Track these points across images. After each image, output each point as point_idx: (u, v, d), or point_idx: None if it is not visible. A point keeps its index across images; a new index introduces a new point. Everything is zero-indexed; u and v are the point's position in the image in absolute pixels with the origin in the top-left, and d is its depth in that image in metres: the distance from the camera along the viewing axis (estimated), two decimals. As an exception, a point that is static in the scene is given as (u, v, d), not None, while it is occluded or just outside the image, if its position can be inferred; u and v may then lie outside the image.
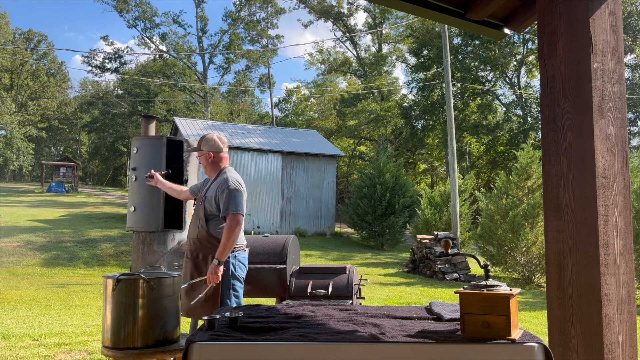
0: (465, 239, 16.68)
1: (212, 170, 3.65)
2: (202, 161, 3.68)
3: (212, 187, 3.58)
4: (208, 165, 3.66)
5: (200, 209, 3.54)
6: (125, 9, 42.16)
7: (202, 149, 3.67)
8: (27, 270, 13.22)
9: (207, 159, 3.64)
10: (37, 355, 4.65)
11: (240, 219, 3.44)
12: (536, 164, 13.21)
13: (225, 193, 3.45)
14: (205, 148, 3.66)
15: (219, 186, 3.52)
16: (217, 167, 3.66)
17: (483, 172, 35.07)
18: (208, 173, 3.67)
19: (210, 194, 3.54)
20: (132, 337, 2.00)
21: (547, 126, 2.16)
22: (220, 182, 3.54)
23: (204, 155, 3.66)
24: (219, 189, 3.50)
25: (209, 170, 3.67)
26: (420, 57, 35.40)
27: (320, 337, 1.81)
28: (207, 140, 3.68)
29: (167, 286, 2.08)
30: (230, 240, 3.37)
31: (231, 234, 3.37)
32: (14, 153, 42.53)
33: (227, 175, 3.58)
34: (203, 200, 3.55)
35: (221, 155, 3.70)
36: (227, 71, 45.56)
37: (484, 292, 1.77)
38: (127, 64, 46.95)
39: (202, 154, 3.67)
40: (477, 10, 2.71)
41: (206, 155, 3.66)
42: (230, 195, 3.45)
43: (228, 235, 3.36)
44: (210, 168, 3.66)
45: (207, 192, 3.56)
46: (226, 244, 3.35)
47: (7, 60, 46.39)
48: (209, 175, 3.68)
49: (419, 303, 8.51)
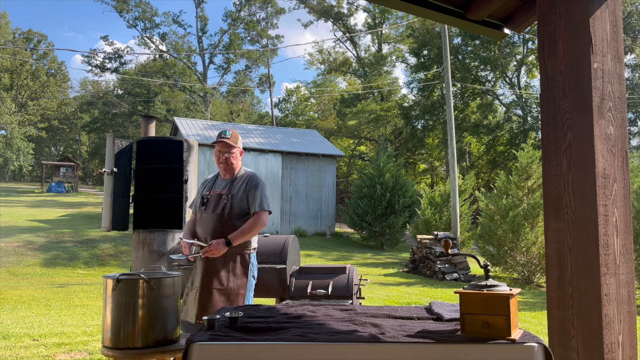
0: (465, 239, 16.68)
1: (236, 168, 3.50)
2: (231, 159, 3.45)
3: (237, 185, 3.44)
4: (236, 163, 3.49)
5: (227, 207, 3.36)
6: (125, 9, 42.17)
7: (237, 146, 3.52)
8: (27, 270, 13.22)
9: (237, 157, 3.49)
10: (37, 355, 4.65)
11: (268, 217, 3.38)
12: (536, 164, 13.21)
13: (259, 188, 3.39)
14: (238, 145, 3.53)
15: (247, 182, 3.42)
16: (239, 165, 3.55)
17: (483, 172, 35.07)
18: (230, 171, 3.48)
19: (237, 192, 3.40)
20: (132, 337, 1.99)
21: (547, 126, 2.16)
22: (248, 178, 3.45)
23: (236, 152, 3.49)
24: (249, 185, 3.41)
25: (234, 168, 3.49)
26: (420, 57, 35.41)
27: (320, 337, 1.81)
28: (237, 137, 3.54)
29: (167, 286, 2.08)
30: (252, 232, 3.30)
31: (256, 228, 3.31)
32: (14, 153, 42.54)
33: (252, 172, 3.52)
34: (230, 198, 3.38)
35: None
36: (227, 71, 45.60)
37: (484, 292, 1.77)
38: (127, 64, 47.02)
39: (235, 150, 3.49)
40: (477, 10, 2.71)
41: (238, 152, 3.51)
42: (263, 191, 3.41)
43: (252, 227, 3.29)
44: (235, 166, 3.49)
45: (230, 190, 3.40)
46: (246, 234, 3.28)
47: (7, 60, 46.40)
48: (230, 174, 3.49)
49: (419, 303, 8.51)
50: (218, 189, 3.47)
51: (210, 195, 3.47)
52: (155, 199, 4.47)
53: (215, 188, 3.49)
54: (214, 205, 3.40)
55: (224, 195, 3.40)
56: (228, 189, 3.43)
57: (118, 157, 4.59)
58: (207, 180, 3.66)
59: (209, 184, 3.58)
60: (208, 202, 3.44)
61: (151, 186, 4.44)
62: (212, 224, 3.35)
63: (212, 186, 3.52)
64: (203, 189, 3.59)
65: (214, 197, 3.44)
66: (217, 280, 3.25)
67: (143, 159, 4.66)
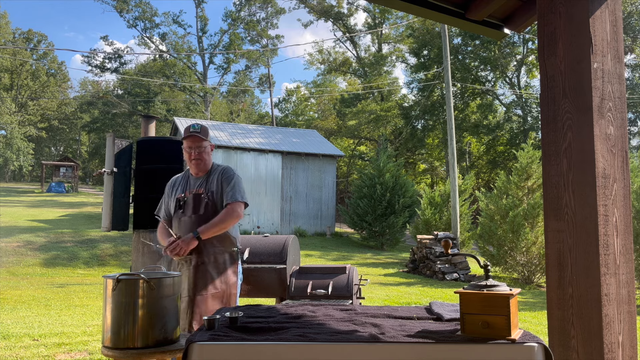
0: (465, 239, 16.68)
1: (209, 164, 3.25)
2: (204, 154, 3.19)
3: (212, 181, 3.19)
4: (208, 159, 3.24)
5: (208, 206, 3.11)
6: (125, 9, 42.18)
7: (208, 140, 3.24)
8: (27, 270, 13.23)
9: (209, 152, 3.24)
10: (37, 355, 4.65)
11: (243, 209, 3.14)
12: (536, 164, 13.21)
13: (233, 180, 3.18)
14: (209, 139, 3.27)
15: (222, 175, 3.20)
16: (211, 161, 3.30)
17: (483, 172, 35.07)
18: (202, 168, 3.21)
19: (214, 189, 3.16)
20: (132, 337, 2.00)
21: (547, 126, 2.16)
22: (222, 171, 3.23)
23: (208, 147, 3.22)
24: (222, 178, 3.19)
25: (206, 164, 3.23)
26: (420, 57, 35.41)
27: (320, 337, 1.81)
28: (207, 131, 3.27)
29: (167, 286, 2.09)
30: (224, 225, 3.04)
31: (228, 220, 3.05)
32: (14, 153, 42.55)
33: (226, 165, 3.31)
34: (209, 197, 3.14)
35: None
36: (227, 71, 45.62)
37: (484, 292, 1.77)
38: (127, 64, 47.05)
39: (207, 145, 3.22)
40: (477, 10, 2.71)
41: (209, 146, 3.25)
42: (237, 182, 3.19)
43: (223, 219, 3.04)
44: (208, 162, 3.24)
45: (208, 187, 3.16)
46: (217, 227, 3.02)
47: (7, 60, 46.41)
48: (203, 171, 3.22)
49: (419, 303, 8.51)
50: (194, 189, 3.20)
51: (186, 197, 3.19)
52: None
53: (190, 188, 3.22)
54: (194, 207, 3.14)
55: (202, 195, 3.16)
56: (205, 187, 3.18)
57: (118, 157, 4.59)
58: (176, 181, 3.36)
59: (180, 184, 3.29)
60: (186, 204, 3.17)
61: (151, 186, 4.43)
62: (196, 227, 3.06)
63: (185, 186, 3.25)
64: (174, 191, 3.29)
65: (191, 198, 3.17)
66: (211, 284, 3.02)
67: (143, 159, 4.67)
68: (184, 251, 2.95)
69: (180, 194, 3.22)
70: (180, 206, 3.18)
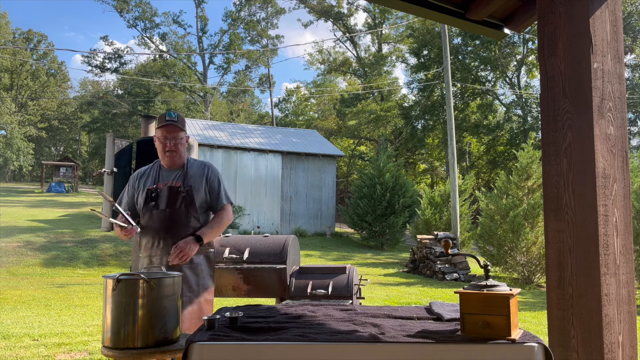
0: (465, 239, 16.68)
1: (184, 157, 3.01)
2: (180, 146, 2.95)
3: (193, 176, 2.98)
4: (183, 151, 2.99)
5: (186, 200, 2.90)
6: (125, 8, 42.20)
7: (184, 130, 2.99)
8: (27, 270, 13.22)
9: (184, 144, 3.01)
10: (37, 355, 4.65)
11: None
12: (536, 164, 13.21)
13: (221, 180, 3.04)
14: (186, 129, 3.01)
15: (207, 173, 3.01)
16: (186, 154, 3.07)
17: (483, 172, 35.08)
18: (178, 161, 2.98)
19: (196, 184, 2.96)
20: (132, 337, 2.00)
21: (547, 126, 2.16)
22: (206, 168, 3.04)
23: (184, 138, 3.00)
24: (209, 176, 3.01)
25: (182, 157, 3.00)
26: (421, 57, 35.41)
27: (320, 337, 1.81)
28: (184, 120, 3.02)
29: (167, 286, 2.09)
30: (222, 228, 2.98)
31: (225, 224, 2.99)
32: (14, 153, 42.56)
33: (207, 161, 3.12)
34: (188, 191, 2.92)
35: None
36: (227, 71, 45.63)
37: (484, 292, 1.77)
38: (127, 64, 47.06)
39: (184, 136, 2.99)
40: (477, 10, 2.71)
41: (185, 137, 3.02)
42: (224, 182, 3.07)
43: (223, 223, 2.98)
44: (183, 154, 3.00)
45: (186, 181, 2.94)
46: (217, 230, 2.94)
47: (7, 60, 46.41)
48: (177, 164, 2.98)
49: (419, 303, 8.51)
50: (168, 181, 2.96)
51: (159, 189, 2.93)
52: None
53: (163, 180, 2.97)
54: (168, 199, 2.91)
55: (180, 188, 2.92)
56: (182, 181, 2.95)
57: (118, 157, 4.58)
58: (144, 172, 3.09)
59: (150, 176, 3.02)
60: (159, 196, 2.92)
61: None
62: (170, 221, 2.88)
63: (156, 178, 2.99)
64: (142, 182, 3.02)
65: (165, 190, 2.93)
66: (187, 289, 2.81)
67: (143, 159, 4.65)
68: (187, 257, 2.79)
69: (152, 185, 2.96)
70: (152, 198, 2.92)
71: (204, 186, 2.99)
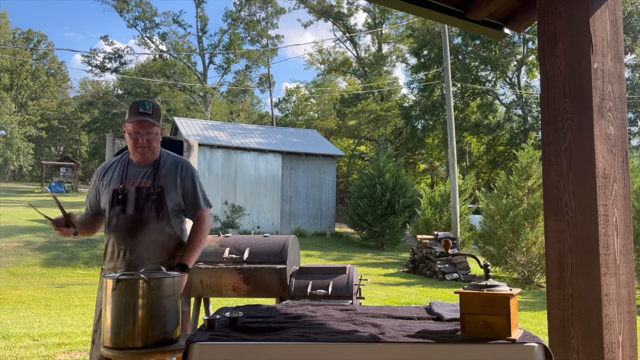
0: (465, 239, 16.69)
1: (157, 153, 2.66)
2: (153, 142, 2.58)
3: (164, 174, 2.61)
4: (157, 146, 2.63)
5: (158, 204, 2.55)
6: (125, 8, 42.20)
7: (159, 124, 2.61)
8: (27, 270, 13.22)
9: (159, 139, 2.65)
10: (37, 355, 4.65)
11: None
12: (536, 164, 13.21)
13: (198, 179, 2.69)
14: (160, 122, 2.65)
15: (181, 170, 2.66)
16: (159, 148, 2.68)
17: (483, 172, 35.08)
18: (148, 158, 2.62)
19: (168, 183, 2.60)
20: (132, 337, 2.00)
21: (547, 126, 2.16)
22: (180, 164, 2.68)
23: (159, 132, 2.63)
24: (183, 174, 2.65)
25: (154, 154, 2.64)
26: (421, 57, 35.42)
27: (320, 337, 1.81)
28: (160, 111, 2.64)
29: (167, 286, 2.08)
30: (203, 244, 2.67)
31: (207, 235, 2.69)
32: (14, 153, 42.55)
33: (179, 156, 2.76)
34: (159, 192, 2.57)
35: None
36: (227, 71, 45.63)
37: (484, 292, 1.77)
38: (127, 64, 47.08)
39: (158, 130, 2.62)
40: (477, 10, 2.71)
41: (160, 132, 2.65)
42: (201, 182, 2.72)
43: (204, 236, 2.65)
44: (157, 150, 2.65)
45: (157, 180, 2.59)
46: (199, 251, 2.63)
47: (7, 60, 46.41)
48: (148, 160, 2.63)
49: (419, 303, 8.51)
50: (136, 180, 2.59)
51: (127, 189, 2.57)
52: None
53: (130, 178, 2.60)
54: (137, 202, 2.55)
55: (149, 188, 2.56)
56: (152, 179, 2.58)
57: (118, 157, 4.58)
58: (109, 167, 2.70)
59: (116, 172, 2.64)
60: (126, 199, 2.55)
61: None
62: (140, 229, 2.53)
63: (123, 175, 2.60)
64: (106, 179, 2.65)
65: (133, 192, 2.56)
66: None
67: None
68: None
69: (118, 184, 2.59)
70: (118, 201, 2.55)
71: (177, 187, 2.62)
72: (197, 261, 3.75)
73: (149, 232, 2.55)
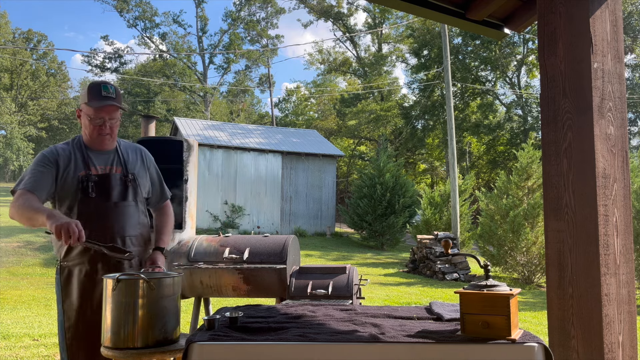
0: (465, 239, 16.69)
1: (116, 138, 2.52)
2: (115, 127, 2.44)
3: (131, 160, 2.51)
4: (116, 132, 2.48)
5: (135, 192, 2.46)
6: (125, 8, 42.20)
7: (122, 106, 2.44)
8: (27, 270, 13.22)
9: (119, 124, 2.50)
10: (37, 355, 4.65)
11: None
12: (536, 164, 13.21)
13: (155, 167, 2.61)
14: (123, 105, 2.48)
15: (142, 157, 2.58)
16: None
17: (483, 172, 35.08)
18: (109, 145, 2.47)
19: (136, 172, 2.50)
20: (132, 337, 2.00)
21: (547, 126, 2.16)
22: (140, 151, 2.59)
23: (119, 116, 2.46)
24: (146, 162, 2.58)
25: (114, 139, 2.49)
26: (421, 57, 35.42)
27: (320, 337, 1.81)
28: (120, 94, 2.48)
29: (167, 286, 2.09)
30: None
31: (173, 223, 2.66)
32: (14, 153, 42.55)
33: (136, 144, 2.66)
34: (133, 179, 2.46)
35: None
36: (227, 71, 45.63)
37: (484, 292, 1.77)
38: (127, 63, 47.07)
39: (119, 116, 2.45)
40: (477, 10, 2.71)
41: (120, 114, 2.46)
42: (160, 171, 2.65)
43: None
44: (116, 135, 2.51)
45: (127, 167, 2.48)
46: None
47: (7, 60, 46.41)
48: (111, 146, 2.48)
49: (419, 303, 8.51)
50: (105, 167, 2.44)
51: (96, 176, 2.38)
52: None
53: (97, 164, 2.43)
54: (112, 189, 2.39)
55: (122, 176, 2.44)
56: (122, 166, 2.46)
57: (118, 157, 4.56)
58: (62, 152, 2.42)
59: (76, 158, 2.41)
60: (100, 185, 2.38)
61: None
62: (122, 218, 2.39)
63: (86, 161, 2.41)
64: (63, 165, 2.38)
65: (111, 179, 2.41)
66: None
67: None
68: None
69: (84, 170, 2.38)
70: (90, 188, 2.35)
71: (146, 175, 2.55)
72: (198, 261, 3.75)
73: (130, 221, 2.44)
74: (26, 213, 2.20)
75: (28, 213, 2.20)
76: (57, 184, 2.37)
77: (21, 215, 2.23)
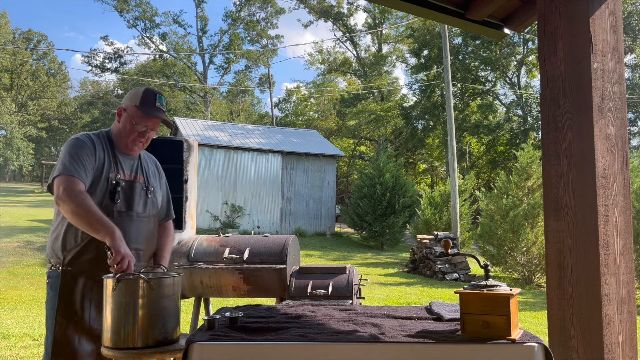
0: (465, 239, 16.68)
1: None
2: (151, 136, 2.35)
3: (152, 175, 2.41)
4: (149, 142, 2.39)
5: (154, 205, 2.38)
6: (125, 8, 42.19)
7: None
8: (27, 270, 13.22)
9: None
10: (37, 355, 4.65)
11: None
12: (536, 164, 13.22)
13: (167, 185, 2.53)
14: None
15: (159, 171, 2.51)
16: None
17: (483, 172, 35.08)
18: (139, 151, 2.39)
19: (155, 185, 2.41)
20: (132, 337, 2.00)
21: (547, 126, 2.16)
22: (155, 164, 2.51)
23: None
24: (161, 177, 2.50)
25: (143, 149, 2.41)
26: (421, 58, 35.42)
27: (320, 337, 1.81)
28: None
29: (167, 286, 2.08)
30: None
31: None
32: (14, 153, 42.54)
33: (152, 155, 2.52)
34: (153, 192, 2.37)
35: None
36: (227, 71, 45.61)
37: (484, 292, 1.77)
38: (127, 64, 47.03)
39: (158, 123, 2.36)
40: (477, 10, 2.71)
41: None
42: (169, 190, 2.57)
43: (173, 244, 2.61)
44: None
45: (148, 178, 2.38)
46: (170, 252, 2.53)
47: (7, 60, 46.40)
48: (138, 152, 2.38)
49: (419, 303, 8.51)
50: (130, 173, 2.31)
51: (124, 182, 2.25)
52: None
53: (125, 169, 2.30)
54: (137, 201, 2.28)
55: (145, 186, 2.34)
56: (145, 176, 2.36)
57: (118, 157, 4.56)
58: (95, 145, 2.24)
59: (106, 156, 2.25)
60: (130, 195, 2.26)
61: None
62: (141, 231, 2.30)
63: (114, 163, 2.26)
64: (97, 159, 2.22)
65: (130, 187, 2.27)
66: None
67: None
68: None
69: (114, 172, 2.24)
70: (119, 194, 2.22)
71: (160, 189, 2.45)
72: (198, 261, 3.75)
73: (151, 237, 2.39)
74: (91, 219, 2.06)
75: (93, 221, 2.05)
76: (87, 175, 2.19)
77: (82, 218, 2.06)
